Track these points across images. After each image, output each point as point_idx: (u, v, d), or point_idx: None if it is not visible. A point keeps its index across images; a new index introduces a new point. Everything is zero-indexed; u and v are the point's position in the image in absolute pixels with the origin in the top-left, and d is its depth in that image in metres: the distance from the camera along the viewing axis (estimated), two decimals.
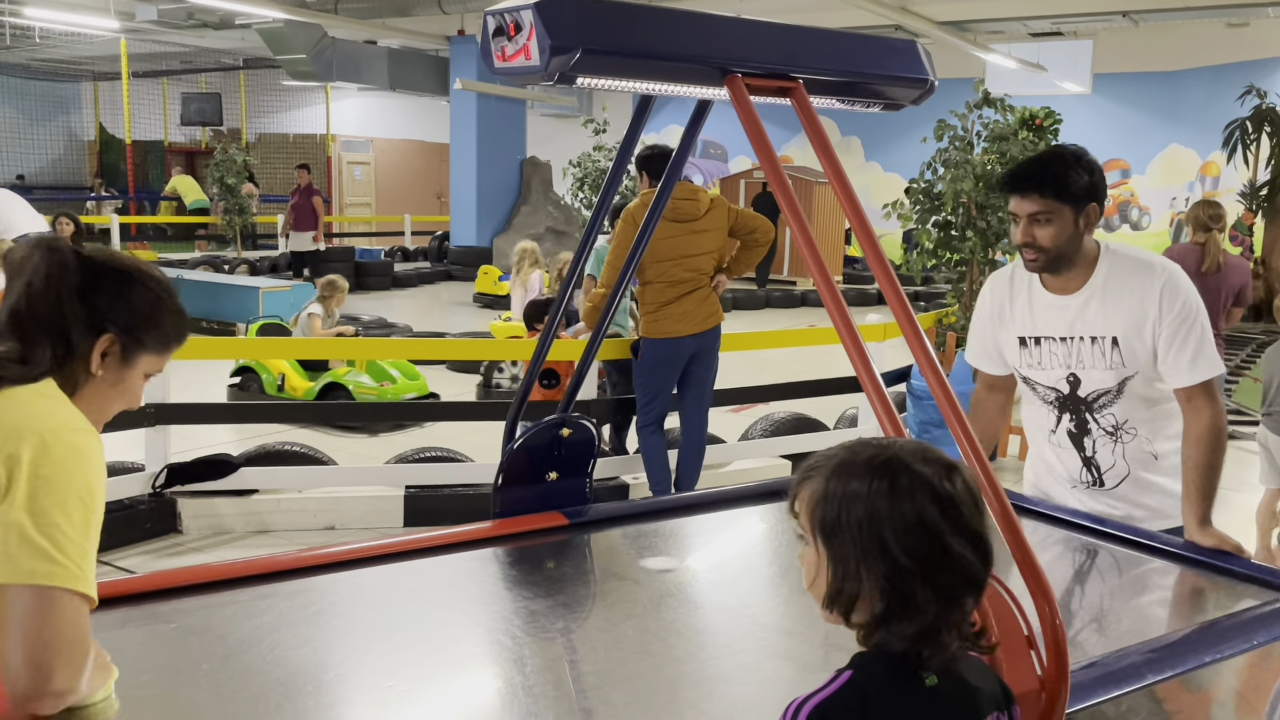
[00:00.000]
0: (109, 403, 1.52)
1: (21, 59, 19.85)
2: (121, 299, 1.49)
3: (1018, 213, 2.32)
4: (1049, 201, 2.27)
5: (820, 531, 1.17)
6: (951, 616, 1.15)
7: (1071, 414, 2.46)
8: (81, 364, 1.47)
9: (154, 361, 1.54)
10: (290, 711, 1.60)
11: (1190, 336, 2.31)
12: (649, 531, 2.58)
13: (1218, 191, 14.76)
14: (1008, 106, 7.14)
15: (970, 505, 1.16)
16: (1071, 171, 2.28)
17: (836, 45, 1.93)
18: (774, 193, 1.72)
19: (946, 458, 1.20)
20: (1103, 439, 2.45)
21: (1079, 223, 2.30)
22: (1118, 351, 2.35)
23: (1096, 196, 2.30)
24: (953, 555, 1.13)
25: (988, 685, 1.23)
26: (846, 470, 1.17)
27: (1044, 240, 2.30)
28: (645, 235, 2.60)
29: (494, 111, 15.48)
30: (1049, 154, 2.35)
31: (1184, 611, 2.24)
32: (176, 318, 1.56)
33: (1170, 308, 2.30)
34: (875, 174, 17.82)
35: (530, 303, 5.75)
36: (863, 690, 1.14)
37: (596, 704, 1.73)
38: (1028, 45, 14.78)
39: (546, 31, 1.62)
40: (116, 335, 1.48)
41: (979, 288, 7.11)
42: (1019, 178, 2.32)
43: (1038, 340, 2.43)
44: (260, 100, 22.20)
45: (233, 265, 14.61)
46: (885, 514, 1.13)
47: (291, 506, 4.86)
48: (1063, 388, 2.44)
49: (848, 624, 1.17)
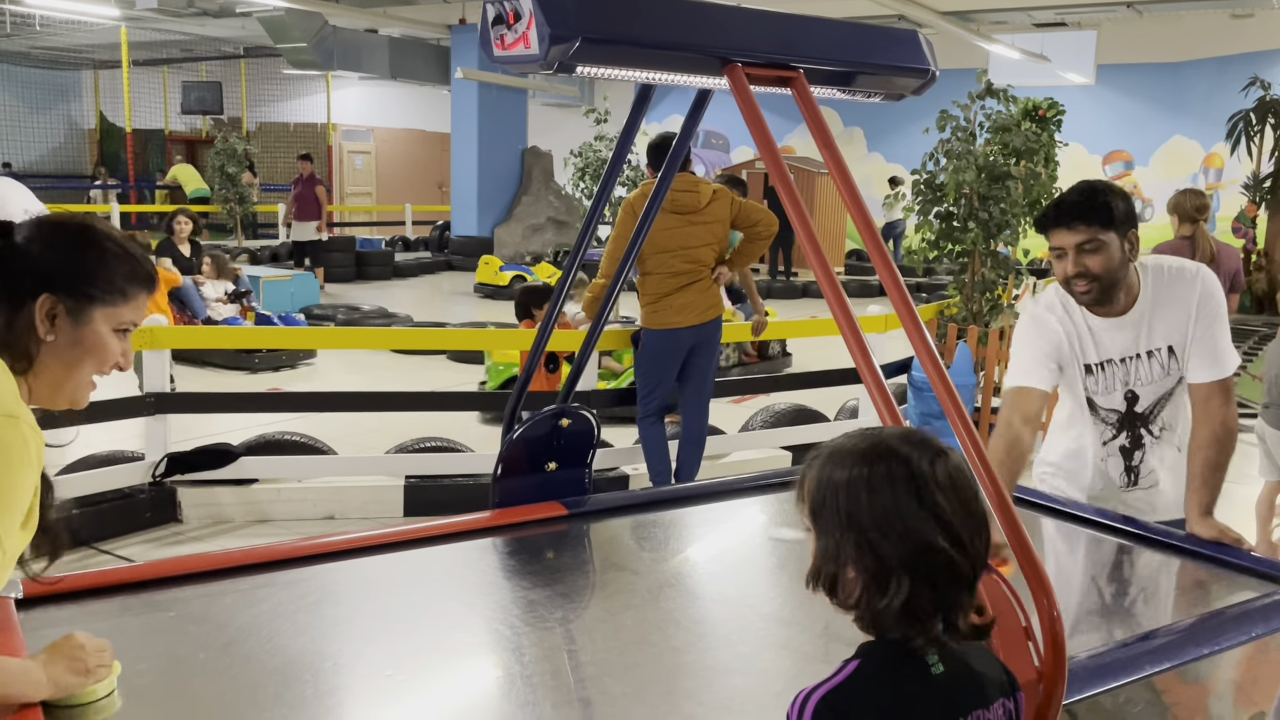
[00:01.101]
0: (76, 367, 1.43)
1: (22, 47, 19.81)
2: (53, 256, 1.41)
3: (1064, 246, 2.32)
4: (1095, 230, 2.29)
5: (812, 517, 1.22)
6: (934, 601, 1.16)
7: (1128, 430, 2.50)
8: (27, 333, 1.38)
9: (116, 314, 1.45)
10: (289, 700, 1.60)
11: (1219, 334, 2.38)
12: (648, 522, 2.58)
13: (1221, 183, 14.74)
14: (1011, 97, 7.12)
15: (952, 495, 1.17)
16: (1112, 199, 2.31)
17: (837, 35, 1.92)
18: (774, 183, 1.71)
19: (937, 443, 1.21)
20: (1152, 445, 2.50)
21: (1124, 248, 2.32)
22: (1175, 359, 2.42)
23: (1134, 223, 2.35)
24: (929, 544, 1.15)
25: (994, 672, 1.25)
26: (836, 457, 1.21)
27: (1096, 268, 2.31)
28: (645, 226, 2.59)
29: (495, 101, 15.45)
30: (1084, 187, 2.35)
31: (1183, 603, 2.24)
32: (127, 263, 1.46)
33: (1205, 306, 2.38)
34: (878, 164, 17.77)
35: (522, 290, 5.70)
36: (869, 679, 1.16)
37: (594, 694, 1.73)
38: (1031, 36, 14.73)
39: (546, 20, 1.61)
40: (55, 295, 1.39)
41: (980, 279, 7.11)
42: (1062, 212, 2.32)
43: (1102, 366, 2.46)
44: (261, 89, 22.16)
45: (233, 254, 14.60)
46: (864, 499, 1.16)
47: (291, 496, 4.86)
48: (1121, 407, 2.48)
49: (833, 602, 1.21)
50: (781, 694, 1.73)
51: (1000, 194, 6.85)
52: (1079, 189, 2.36)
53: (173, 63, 21.75)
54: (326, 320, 9.90)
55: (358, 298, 12.20)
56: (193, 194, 18.40)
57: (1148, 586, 2.34)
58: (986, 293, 7.17)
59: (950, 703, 1.18)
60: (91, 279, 1.42)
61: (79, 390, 1.46)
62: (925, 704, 1.16)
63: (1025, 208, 7.04)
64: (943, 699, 1.17)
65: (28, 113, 22.05)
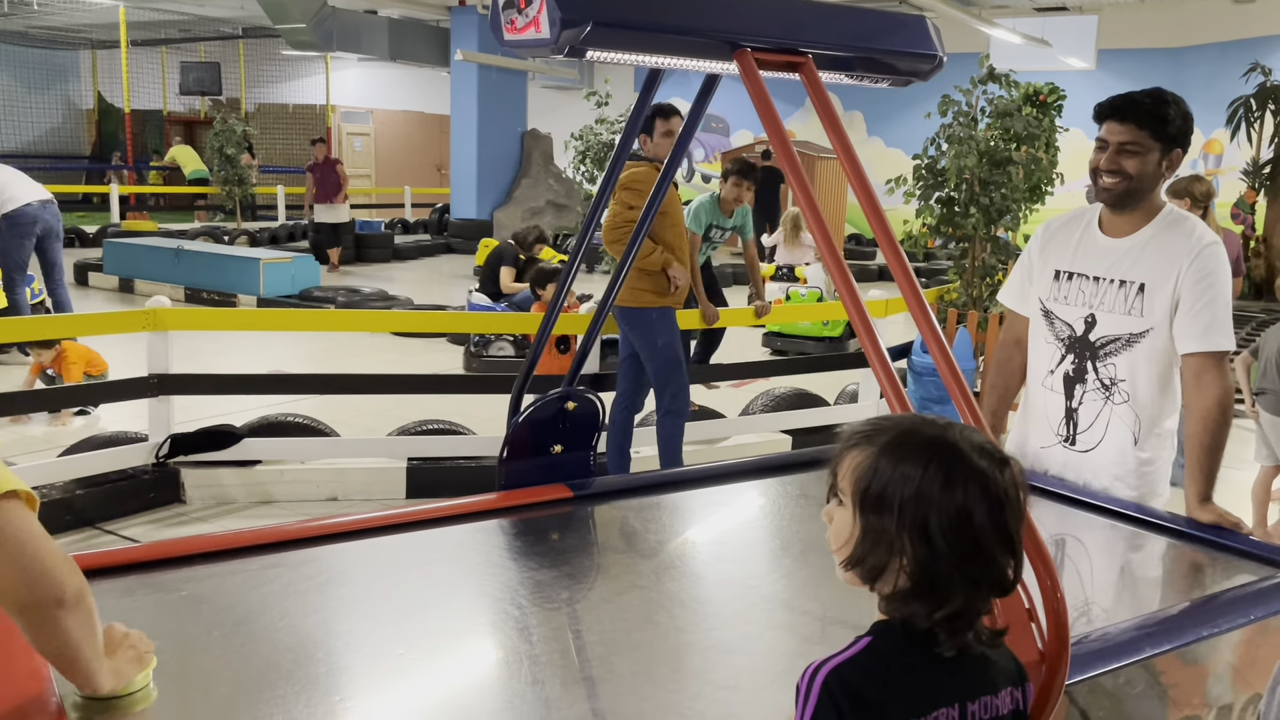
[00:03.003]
0: None
1: (19, 26, 19.73)
2: None
3: (1108, 139, 2.35)
4: (1143, 135, 2.31)
5: (861, 500, 1.17)
6: (973, 607, 1.17)
7: (1075, 356, 2.49)
8: None
9: None
10: (301, 677, 1.62)
11: (1211, 304, 2.33)
12: (652, 504, 2.60)
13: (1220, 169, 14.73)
14: (1012, 82, 7.11)
15: (1014, 507, 1.18)
16: (1171, 110, 2.32)
17: (846, 20, 1.93)
18: (781, 167, 1.72)
19: (1001, 452, 1.20)
20: (1094, 392, 2.46)
21: (1162, 163, 2.34)
22: (1141, 298, 2.38)
23: (1184, 143, 2.35)
24: (986, 553, 1.15)
25: (1004, 661, 1.25)
26: (902, 447, 1.17)
27: (1130, 168, 2.33)
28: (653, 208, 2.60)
29: (495, 83, 15.40)
30: (1152, 91, 2.36)
31: (1183, 586, 2.26)
32: None
33: (1199, 267, 2.33)
34: (877, 148, 17.75)
35: (538, 270, 5.70)
36: (881, 656, 1.16)
37: (601, 672, 1.76)
38: (1032, 20, 14.70)
39: (557, 4, 1.62)
40: None
41: (981, 264, 7.12)
42: (1121, 106, 2.34)
43: (1070, 275, 2.48)
44: (259, 70, 22.07)
45: (232, 236, 14.58)
46: (935, 501, 1.13)
47: (294, 477, 4.88)
48: (1078, 328, 2.48)
49: (871, 589, 1.19)
50: (784, 673, 1.76)
51: (1001, 179, 6.85)
52: (1149, 92, 2.35)
53: (171, 43, 21.66)
54: (327, 303, 9.90)
55: (357, 280, 12.19)
56: (191, 175, 18.37)
57: (1147, 570, 2.36)
58: (987, 278, 7.19)
59: (958, 686, 1.19)
60: None
61: None
62: (933, 685, 1.18)
63: (1026, 193, 7.04)
64: (951, 682, 1.19)
65: (25, 93, 21.96)
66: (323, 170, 13.28)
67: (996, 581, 1.17)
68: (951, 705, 1.18)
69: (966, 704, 1.19)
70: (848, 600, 2.06)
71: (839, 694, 1.12)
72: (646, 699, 1.64)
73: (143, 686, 1.50)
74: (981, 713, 1.20)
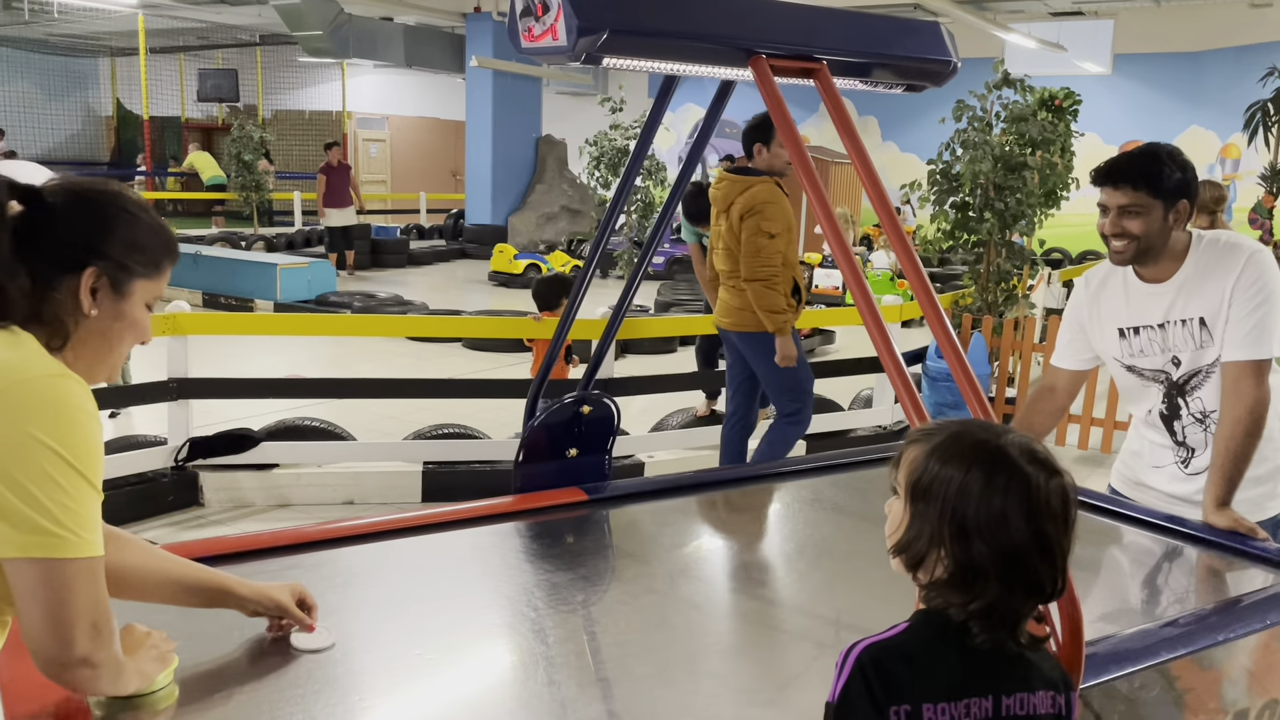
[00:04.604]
0: (116, 341, 1.38)
1: (40, 34, 19.90)
2: (93, 226, 1.34)
3: (1108, 204, 2.36)
4: (1141, 195, 2.31)
5: (911, 492, 1.23)
6: (1009, 606, 1.20)
7: (1166, 396, 2.50)
8: (69, 305, 1.32)
9: (150, 287, 1.41)
10: (321, 678, 1.64)
11: (1256, 311, 2.33)
12: (667, 508, 2.61)
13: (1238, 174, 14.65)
14: (1027, 87, 7.10)
15: (1059, 518, 1.21)
16: (1165, 168, 2.31)
17: (861, 26, 1.94)
18: (796, 172, 1.73)
19: (1053, 462, 1.23)
20: (1192, 425, 2.48)
21: (1168, 218, 2.33)
22: (1206, 331, 2.39)
23: (1188, 194, 2.34)
24: (1021, 556, 1.18)
25: (1045, 665, 1.27)
26: (952, 448, 1.22)
27: (1134, 230, 2.33)
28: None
29: (510, 89, 15.46)
30: (1145, 149, 2.37)
31: (1198, 591, 2.26)
32: (161, 234, 1.42)
33: (1247, 279, 2.33)
34: (892, 153, 17.73)
35: (539, 281, 5.67)
36: (916, 641, 1.21)
37: (617, 674, 1.77)
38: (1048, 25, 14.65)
39: (574, 12, 1.63)
40: (101, 267, 1.34)
41: (995, 269, 7.11)
42: (1113, 171, 2.34)
43: (1136, 330, 2.48)
44: (276, 77, 22.21)
45: (249, 242, 14.67)
46: (974, 500, 1.18)
47: (311, 481, 4.92)
48: (1171, 370, 2.48)
49: (914, 578, 1.24)
50: (799, 676, 1.77)
51: (1016, 184, 6.84)
52: (1140, 151, 2.36)
53: (189, 50, 21.82)
54: (343, 308, 9.95)
55: (373, 285, 12.26)
56: (209, 181, 18.49)
57: (1163, 574, 2.36)
58: (1001, 283, 7.18)
59: (991, 678, 1.21)
60: (133, 251, 1.37)
61: (117, 366, 1.44)
62: (964, 674, 1.20)
63: (1041, 198, 7.03)
64: (984, 674, 1.21)
65: (45, 100, 22.17)
66: (336, 175, 13.36)
67: (1033, 585, 1.20)
68: (985, 696, 1.21)
69: (1001, 697, 1.21)
70: (862, 604, 2.08)
71: (870, 671, 1.18)
72: (661, 700, 1.65)
73: (165, 685, 1.51)
74: (1017, 708, 1.22)
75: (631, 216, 12.25)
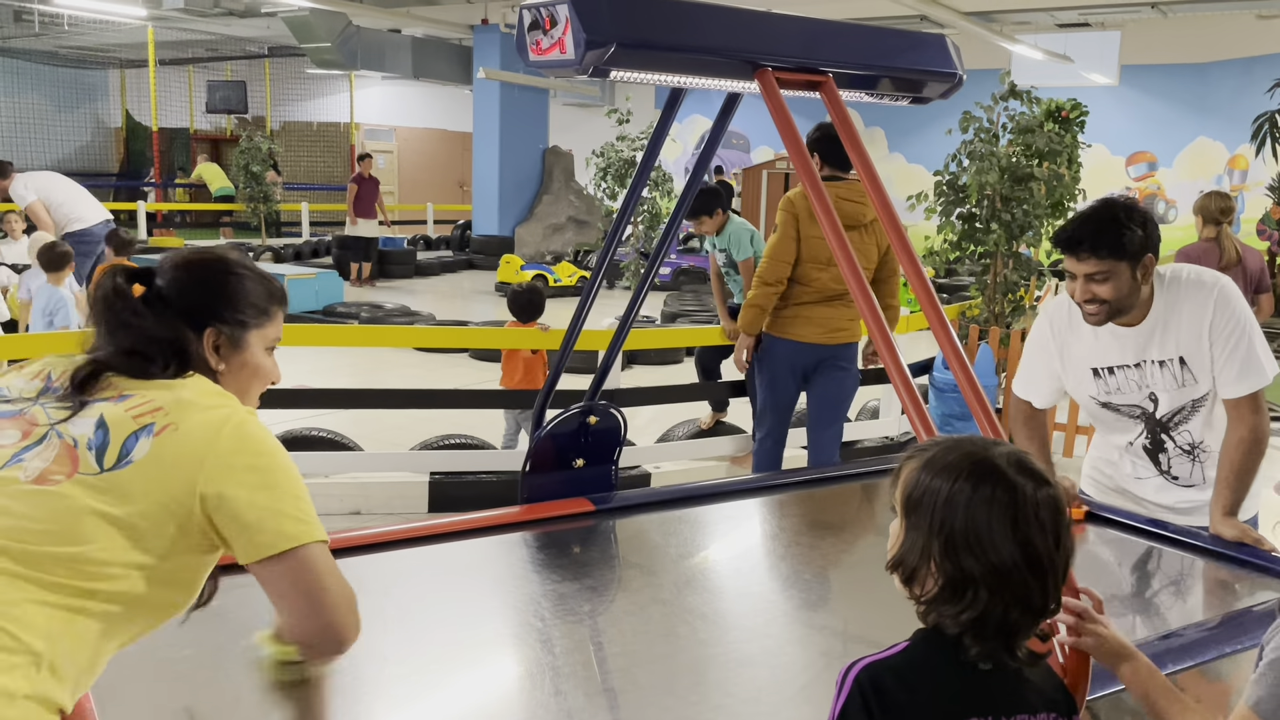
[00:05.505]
0: (247, 386, 1.57)
1: (50, 46, 20.02)
2: (204, 292, 1.52)
3: (1074, 271, 2.34)
4: (1106, 261, 2.29)
5: (904, 506, 1.24)
6: (1003, 622, 1.19)
7: (1148, 431, 2.51)
8: (202, 366, 1.50)
9: (266, 332, 1.57)
10: (327, 687, 1.65)
11: (1239, 347, 2.35)
12: (673, 519, 2.61)
13: (1246, 185, 14.64)
14: (1034, 98, 7.10)
15: (1047, 529, 1.20)
16: (1124, 230, 2.28)
17: (866, 39, 1.95)
18: (803, 183, 1.74)
19: (1041, 472, 1.23)
20: (1179, 457, 2.50)
21: (1136, 275, 2.32)
22: (1187, 371, 2.40)
23: (1151, 248, 2.32)
24: (1008, 567, 1.18)
25: (1048, 687, 1.27)
26: (941, 459, 1.23)
27: (1104, 295, 2.32)
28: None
29: (517, 100, 15.51)
30: (1101, 212, 2.32)
31: (1205, 602, 2.26)
32: (260, 283, 1.57)
33: (1221, 317, 2.35)
34: (899, 165, 17.74)
35: (513, 292, 5.55)
36: (914, 661, 1.21)
37: (624, 684, 1.77)
38: (1054, 36, 14.66)
39: (582, 26, 1.65)
40: (216, 326, 1.51)
41: (1002, 280, 7.11)
42: (1074, 240, 2.32)
43: (1111, 370, 2.47)
44: (285, 88, 22.31)
45: (257, 253, 14.72)
46: (960, 511, 1.19)
47: (317, 491, 4.90)
48: (1147, 406, 2.48)
49: (909, 593, 1.24)
50: (805, 688, 1.77)
51: (1023, 195, 6.84)
52: (1095, 216, 2.32)
53: (198, 62, 21.92)
54: (350, 318, 9.97)
55: (380, 296, 12.29)
56: (217, 192, 18.56)
57: (1170, 585, 2.35)
58: (1009, 294, 7.17)
59: (990, 700, 1.20)
60: (239, 305, 1.54)
61: (254, 402, 1.59)
62: (963, 695, 1.19)
63: (1048, 209, 7.02)
64: (983, 694, 1.20)
65: (55, 111, 22.26)
66: (367, 186, 13.47)
67: (1023, 598, 1.19)
68: (984, 717, 1.20)
69: (1001, 718, 1.20)
70: (868, 616, 2.08)
71: (869, 690, 1.18)
72: (668, 710, 1.65)
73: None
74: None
75: (638, 227, 12.26)
